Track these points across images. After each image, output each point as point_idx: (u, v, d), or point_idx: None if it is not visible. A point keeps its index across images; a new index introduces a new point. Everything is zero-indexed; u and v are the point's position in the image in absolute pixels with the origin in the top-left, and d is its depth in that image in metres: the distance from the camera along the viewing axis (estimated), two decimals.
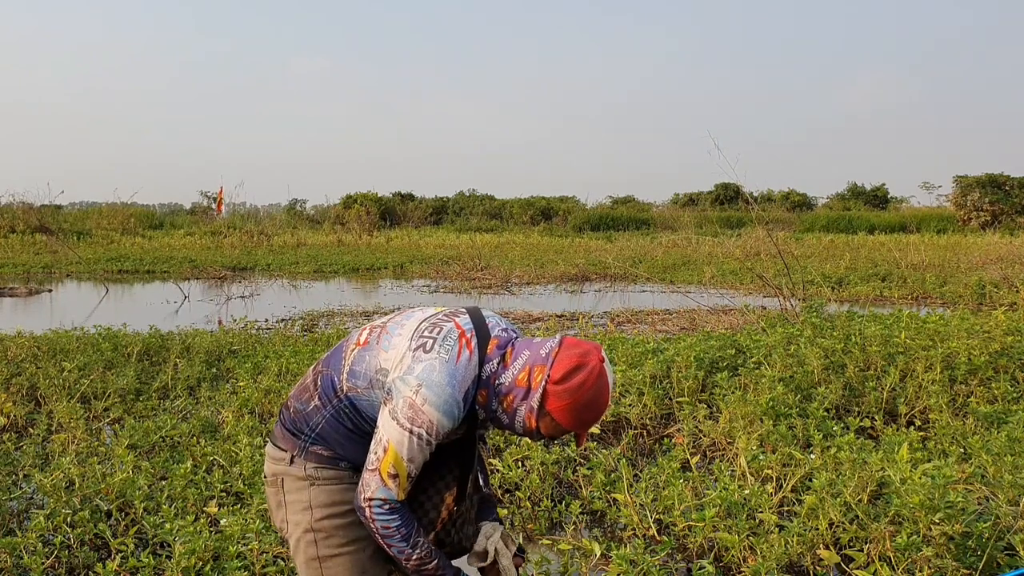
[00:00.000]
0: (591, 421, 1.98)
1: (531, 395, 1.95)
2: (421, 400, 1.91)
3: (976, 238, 26.64)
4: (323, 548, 2.04)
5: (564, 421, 1.96)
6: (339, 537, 2.04)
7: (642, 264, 18.00)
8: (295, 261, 20.23)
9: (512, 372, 1.97)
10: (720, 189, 44.49)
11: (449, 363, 1.94)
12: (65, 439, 4.84)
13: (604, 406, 1.98)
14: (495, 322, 2.10)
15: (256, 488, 3.88)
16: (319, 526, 2.04)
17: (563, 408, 1.94)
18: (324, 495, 2.05)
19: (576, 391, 1.93)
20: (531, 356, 1.98)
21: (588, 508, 4.13)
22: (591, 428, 2.01)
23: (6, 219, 27.80)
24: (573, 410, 1.94)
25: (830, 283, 13.74)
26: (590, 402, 1.95)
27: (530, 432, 2.00)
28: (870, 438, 5.01)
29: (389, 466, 1.94)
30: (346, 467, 2.06)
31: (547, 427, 1.98)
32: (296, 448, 2.07)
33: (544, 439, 2.04)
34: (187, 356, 7.24)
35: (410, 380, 1.93)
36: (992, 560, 3.11)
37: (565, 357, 1.95)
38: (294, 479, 2.07)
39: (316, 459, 2.06)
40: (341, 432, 2.06)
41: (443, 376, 1.93)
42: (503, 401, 1.98)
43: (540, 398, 1.95)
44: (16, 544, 3.32)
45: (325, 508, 2.04)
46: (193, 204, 40.91)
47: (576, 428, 1.98)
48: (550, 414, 1.95)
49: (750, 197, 14.51)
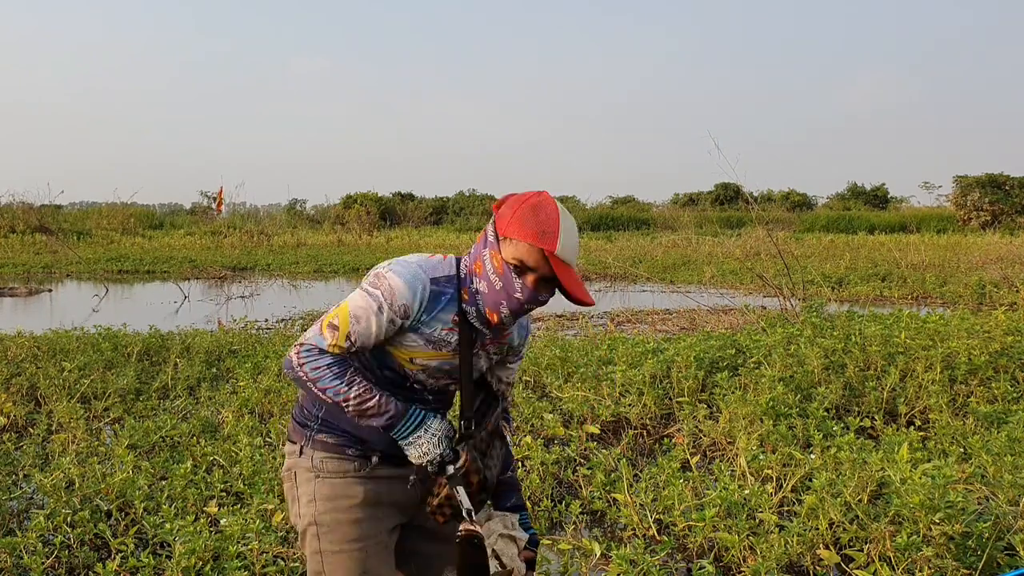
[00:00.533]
0: (548, 225, 1.86)
1: (487, 237, 1.94)
2: (386, 270, 1.93)
3: (976, 238, 26.64)
4: (325, 543, 2.04)
5: (521, 234, 1.86)
6: (342, 533, 2.03)
7: (642, 264, 18.00)
8: (295, 261, 20.23)
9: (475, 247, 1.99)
10: (720, 189, 44.48)
11: (423, 258, 1.98)
12: (65, 439, 4.84)
13: (554, 209, 1.89)
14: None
15: (256, 488, 3.88)
16: (322, 520, 2.03)
17: (512, 219, 1.88)
18: (327, 488, 2.03)
19: (517, 201, 1.91)
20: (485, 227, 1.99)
21: (588, 508, 4.13)
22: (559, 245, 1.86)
23: (6, 219, 27.80)
24: (521, 216, 1.88)
25: (830, 283, 13.74)
26: (536, 206, 1.89)
27: (506, 279, 1.90)
28: (870, 438, 5.01)
29: (333, 317, 1.94)
30: (353, 455, 2.04)
31: (511, 251, 1.89)
32: (304, 438, 2.07)
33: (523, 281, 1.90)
34: (187, 356, 7.24)
35: (383, 263, 1.98)
36: (992, 560, 3.11)
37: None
38: (304, 471, 2.07)
39: (322, 448, 2.04)
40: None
41: (413, 259, 1.96)
42: (475, 269, 1.94)
43: (493, 231, 1.93)
44: (16, 544, 3.32)
45: (328, 502, 2.03)
46: (193, 204, 40.91)
47: (536, 237, 1.86)
48: (507, 236, 1.89)
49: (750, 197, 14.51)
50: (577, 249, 1.94)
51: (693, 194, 47.39)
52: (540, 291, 1.92)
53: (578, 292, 1.89)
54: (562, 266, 1.88)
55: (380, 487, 2.05)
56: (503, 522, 2.14)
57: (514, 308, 1.93)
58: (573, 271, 1.91)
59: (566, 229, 1.89)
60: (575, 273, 1.92)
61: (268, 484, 3.95)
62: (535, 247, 1.87)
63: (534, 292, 1.91)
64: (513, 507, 2.22)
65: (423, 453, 1.96)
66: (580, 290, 1.90)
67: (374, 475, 2.05)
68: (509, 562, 2.10)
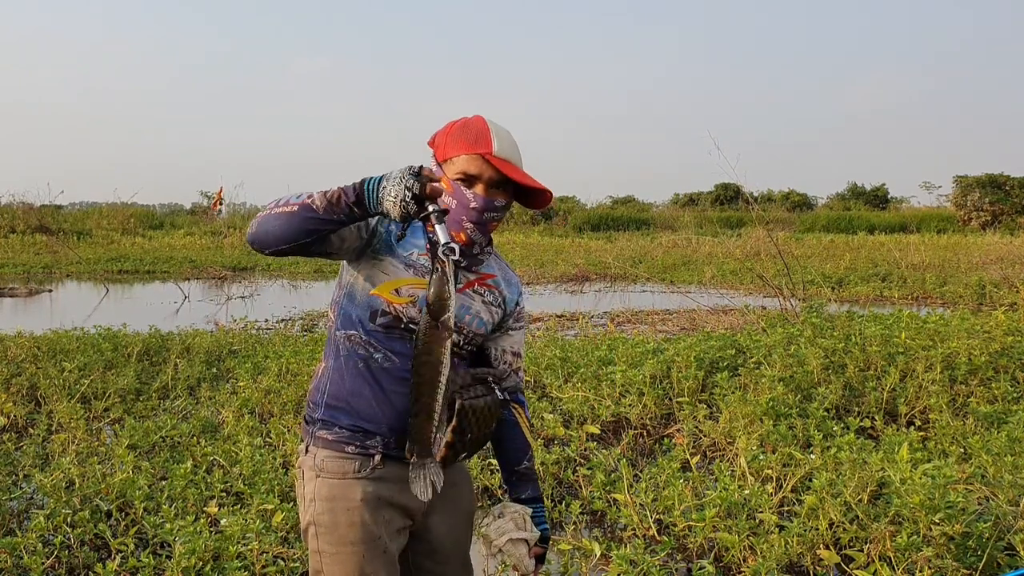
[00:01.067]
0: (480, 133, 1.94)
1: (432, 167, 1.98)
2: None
3: (976, 238, 26.65)
4: (324, 543, 2.02)
5: (456, 149, 1.94)
6: (339, 534, 2.01)
7: (642, 264, 18.01)
8: (295, 261, 20.22)
9: None
10: (720, 189, 44.49)
11: None
12: (65, 439, 4.84)
13: (481, 120, 1.97)
14: None
15: (256, 488, 3.88)
16: (320, 520, 2.02)
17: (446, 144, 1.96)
18: (326, 489, 2.01)
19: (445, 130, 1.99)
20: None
21: (588, 508, 4.13)
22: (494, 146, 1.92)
23: (6, 219, 27.79)
24: (454, 136, 1.96)
25: (830, 283, 13.74)
26: (463, 124, 1.97)
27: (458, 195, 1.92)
28: (870, 438, 5.01)
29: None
30: (352, 452, 2.01)
31: (455, 169, 1.94)
32: (308, 435, 2.06)
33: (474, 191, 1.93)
34: (187, 356, 7.25)
35: None
36: (992, 560, 3.11)
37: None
38: (308, 469, 2.05)
39: (324, 445, 2.01)
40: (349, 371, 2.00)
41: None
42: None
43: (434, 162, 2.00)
44: (16, 544, 3.32)
45: (326, 503, 2.01)
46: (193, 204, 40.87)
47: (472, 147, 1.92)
48: (447, 159, 1.96)
49: (750, 197, 14.50)
50: (517, 150, 1.99)
51: (693, 194, 47.39)
52: (493, 196, 1.95)
53: (528, 181, 1.94)
54: (505, 164, 1.93)
55: (382, 488, 2.00)
56: (515, 521, 2.08)
57: (474, 219, 1.95)
58: (519, 168, 1.97)
59: (498, 132, 1.96)
60: (521, 169, 1.97)
61: (268, 484, 3.95)
62: (473, 155, 1.93)
63: (487, 199, 1.95)
64: (529, 499, 2.17)
65: (395, 197, 1.74)
66: (530, 180, 1.94)
67: (375, 476, 2.00)
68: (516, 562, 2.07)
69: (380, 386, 1.99)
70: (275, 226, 1.80)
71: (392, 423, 1.99)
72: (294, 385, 5.78)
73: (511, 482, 2.18)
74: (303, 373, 6.05)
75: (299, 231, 1.79)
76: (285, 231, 1.79)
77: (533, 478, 2.20)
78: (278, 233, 1.80)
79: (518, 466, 2.17)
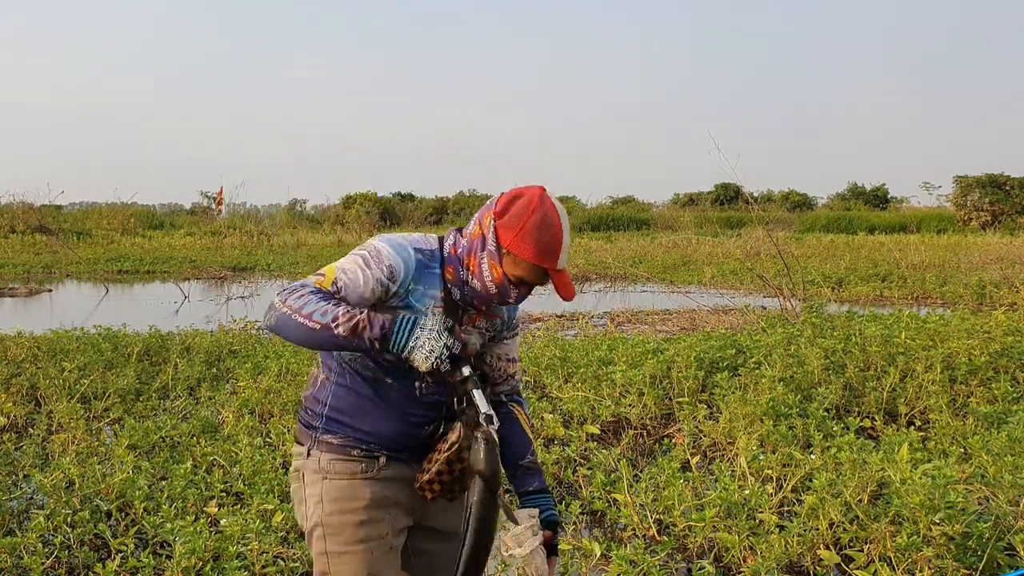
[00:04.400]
0: (552, 247, 1.91)
1: (486, 242, 1.94)
2: (372, 239, 2.01)
3: (976, 238, 26.65)
4: (331, 544, 2.05)
5: (524, 252, 1.91)
6: (348, 534, 2.04)
7: (642, 264, 18.01)
8: (295, 261, 20.23)
9: (467, 233, 2.01)
10: (720, 189, 44.46)
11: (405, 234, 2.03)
12: (65, 439, 4.84)
13: (558, 227, 1.92)
14: None
15: (256, 488, 3.88)
16: (329, 521, 2.04)
17: (516, 238, 1.91)
18: (335, 490, 2.04)
19: (521, 215, 1.91)
20: (479, 213, 2.01)
21: (588, 508, 4.13)
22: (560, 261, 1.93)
23: (6, 219, 27.80)
24: (526, 235, 1.90)
25: (830, 283, 13.74)
26: (541, 223, 1.91)
27: (502, 287, 1.96)
28: (870, 438, 5.01)
29: (321, 269, 1.98)
30: (359, 455, 2.04)
31: (512, 267, 1.94)
32: (311, 440, 2.08)
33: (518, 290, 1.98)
34: (187, 356, 7.25)
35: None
36: (992, 560, 3.11)
37: (504, 196, 1.97)
38: (311, 472, 2.08)
39: (328, 449, 2.05)
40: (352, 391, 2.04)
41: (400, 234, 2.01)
42: (468, 264, 1.98)
43: (494, 238, 1.93)
44: (16, 544, 3.32)
45: (335, 503, 2.04)
46: (193, 204, 40.90)
47: (538, 258, 1.91)
48: (508, 251, 1.92)
49: (750, 197, 14.50)
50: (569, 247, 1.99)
51: (693, 194, 47.37)
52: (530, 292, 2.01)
53: (567, 292, 1.97)
54: (561, 276, 1.96)
55: (387, 488, 2.05)
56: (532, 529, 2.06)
57: (504, 305, 2.04)
58: (566, 273, 1.99)
59: (566, 242, 1.95)
60: (567, 274, 1.99)
61: (268, 484, 3.95)
62: (538, 267, 1.93)
63: (526, 294, 2.01)
64: (536, 491, 2.19)
65: (428, 352, 1.82)
66: (569, 290, 1.98)
67: (381, 476, 2.04)
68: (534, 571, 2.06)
69: (388, 405, 2.05)
70: (295, 334, 1.87)
71: (396, 436, 2.05)
72: (294, 385, 5.78)
73: (516, 476, 2.20)
74: (303, 373, 6.05)
75: (316, 345, 1.90)
76: (303, 341, 1.89)
77: (538, 470, 2.22)
78: (296, 340, 1.89)
79: (522, 460, 2.20)
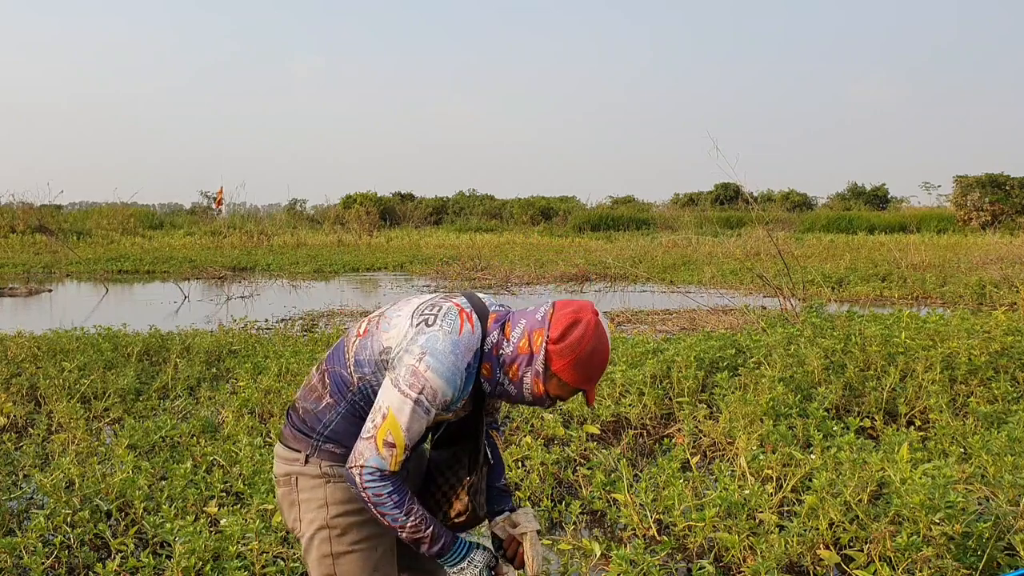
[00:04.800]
0: (596, 374, 2.02)
1: (534, 359, 1.99)
2: (424, 367, 1.93)
3: (976, 238, 26.64)
4: (336, 545, 2.08)
5: (570, 379, 2.00)
6: (353, 534, 2.08)
7: (642, 264, 18.00)
8: (295, 261, 20.23)
9: (513, 341, 2.02)
10: (720, 189, 44.46)
11: (452, 334, 1.98)
12: (65, 439, 4.84)
13: (606, 357, 2.03)
14: (490, 300, 2.16)
15: (256, 488, 3.88)
16: (334, 523, 2.08)
17: (567, 365, 1.98)
18: (339, 492, 2.08)
19: (576, 346, 1.98)
20: (528, 323, 2.02)
21: (588, 508, 4.13)
22: (597, 383, 2.06)
23: (6, 219, 27.82)
24: (577, 365, 1.98)
25: (830, 283, 13.73)
26: (592, 355, 1.99)
27: (539, 398, 2.04)
28: (870, 438, 5.01)
29: (386, 434, 1.95)
30: None
31: (555, 388, 2.02)
32: (310, 447, 2.10)
33: (552, 403, 2.08)
34: (187, 356, 7.25)
35: (414, 349, 1.96)
36: (992, 560, 3.11)
37: (560, 317, 2.00)
38: (309, 478, 2.10)
39: (330, 457, 2.08)
40: (357, 426, 2.07)
41: (447, 345, 1.96)
42: (508, 371, 2.02)
43: (544, 360, 1.99)
44: (16, 544, 3.32)
45: (340, 505, 2.08)
46: (193, 204, 40.93)
47: (583, 384, 2.01)
48: (556, 375, 2.00)
49: (750, 197, 14.48)
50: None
51: (693, 194, 47.35)
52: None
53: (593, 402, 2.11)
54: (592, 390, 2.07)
55: None
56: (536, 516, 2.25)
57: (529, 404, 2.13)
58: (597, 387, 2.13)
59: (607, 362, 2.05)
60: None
61: (268, 484, 3.95)
62: (578, 390, 2.04)
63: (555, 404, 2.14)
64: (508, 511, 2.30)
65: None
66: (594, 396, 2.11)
67: None
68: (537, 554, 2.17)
69: None
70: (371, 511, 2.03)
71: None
72: (294, 385, 5.78)
73: (491, 497, 2.30)
74: (303, 373, 6.05)
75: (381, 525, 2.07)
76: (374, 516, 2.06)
77: (510, 493, 2.35)
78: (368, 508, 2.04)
79: (498, 483, 2.31)
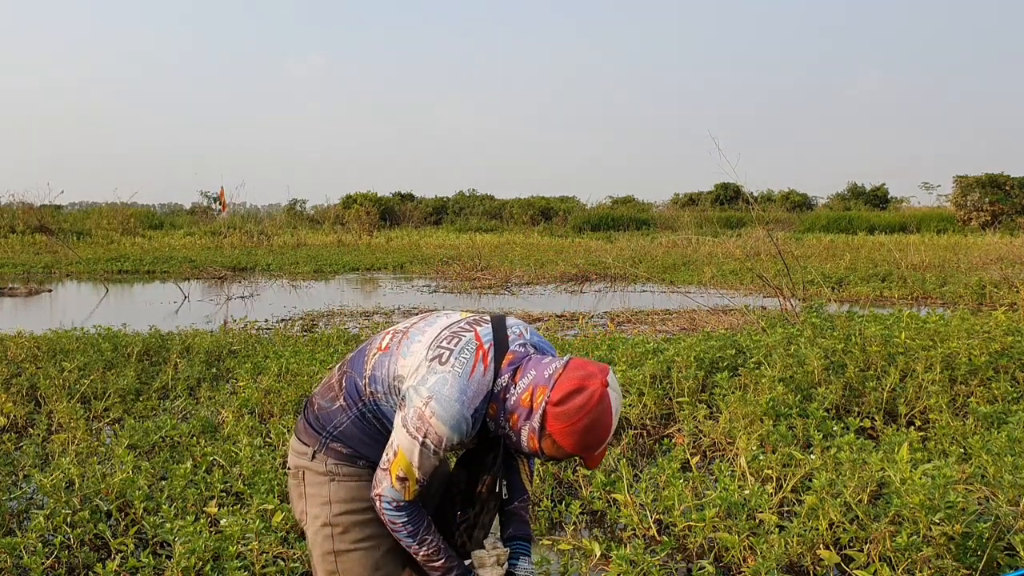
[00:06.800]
0: (593, 445, 1.96)
1: (532, 416, 1.96)
2: (430, 412, 1.95)
3: (976, 238, 26.65)
4: (339, 542, 2.10)
5: (565, 444, 1.95)
6: (355, 532, 2.10)
7: (642, 264, 18.00)
8: (295, 261, 20.23)
9: (518, 391, 1.98)
10: (720, 189, 44.48)
11: (462, 377, 1.97)
12: (65, 439, 4.84)
13: (606, 431, 1.96)
14: (517, 333, 2.11)
15: (256, 488, 3.88)
16: (337, 521, 2.09)
17: (563, 431, 1.94)
18: (343, 491, 2.10)
19: (574, 414, 1.92)
20: (536, 376, 1.98)
21: (588, 508, 4.13)
22: (598, 452, 1.99)
23: (6, 219, 27.83)
24: (573, 433, 1.93)
25: (830, 283, 13.74)
26: (590, 426, 1.93)
27: (533, 455, 2.04)
28: (870, 438, 5.01)
29: (399, 470, 2.00)
30: (364, 465, 2.13)
31: (549, 448, 1.99)
32: (317, 443, 2.12)
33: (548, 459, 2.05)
34: (187, 356, 7.24)
35: (422, 391, 1.96)
36: (992, 560, 3.11)
37: (566, 380, 1.94)
38: (315, 473, 2.12)
39: (336, 455, 2.11)
40: (365, 432, 2.10)
41: (454, 390, 1.95)
42: (509, 419, 2.01)
43: (540, 419, 1.95)
44: (16, 544, 3.32)
45: (343, 504, 2.10)
46: (193, 204, 40.91)
47: (578, 451, 1.97)
48: (551, 436, 1.96)
49: (750, 197, 14.50)
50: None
51: (693, 194, 47.37)
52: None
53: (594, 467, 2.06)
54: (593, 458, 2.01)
55: None
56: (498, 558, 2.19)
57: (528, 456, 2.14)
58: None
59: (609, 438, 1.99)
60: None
61: (268, 484, 3.95)
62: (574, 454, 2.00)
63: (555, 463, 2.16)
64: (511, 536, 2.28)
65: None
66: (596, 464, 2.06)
67: None
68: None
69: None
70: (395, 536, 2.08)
71: None
72: (294, 385, 5.78)
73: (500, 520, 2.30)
74: (303, 373, 6.04)
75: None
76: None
77: (523, 518, 2.30)
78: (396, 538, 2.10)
79: (509, 505, 2.29)
